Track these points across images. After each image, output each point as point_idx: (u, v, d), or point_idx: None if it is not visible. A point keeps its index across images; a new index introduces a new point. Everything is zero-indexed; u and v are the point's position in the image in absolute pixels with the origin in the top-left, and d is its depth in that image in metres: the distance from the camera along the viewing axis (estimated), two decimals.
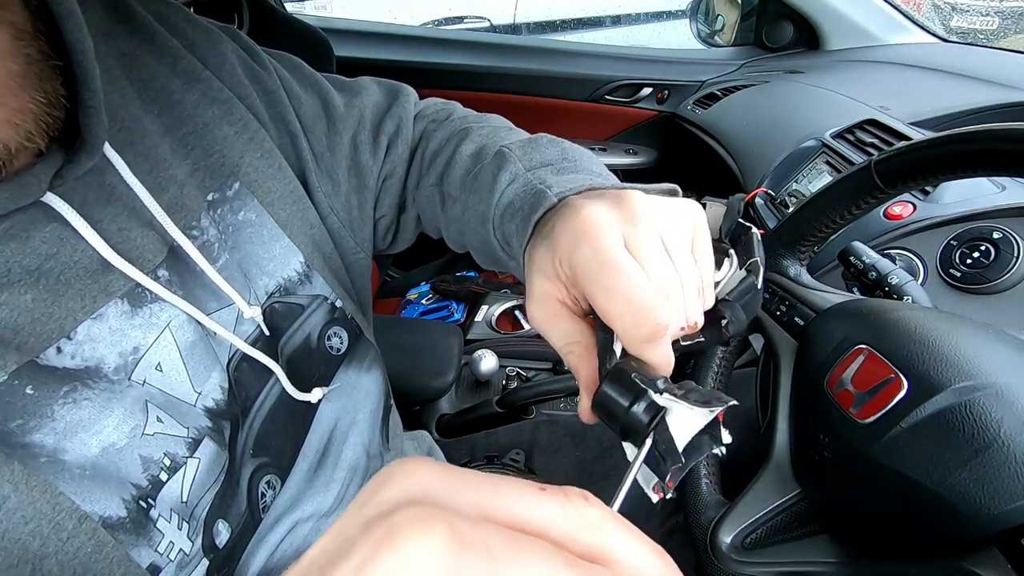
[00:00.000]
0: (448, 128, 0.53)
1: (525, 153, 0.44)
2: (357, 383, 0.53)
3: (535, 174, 0.41)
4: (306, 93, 0.51)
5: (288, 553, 0.47)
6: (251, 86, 0.47)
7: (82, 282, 0.34)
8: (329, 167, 0.51)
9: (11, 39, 0.28)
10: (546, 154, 0.44)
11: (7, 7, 0.28)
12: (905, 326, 0.46)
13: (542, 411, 1.09)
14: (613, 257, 0.29)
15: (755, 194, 1.03)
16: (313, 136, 0.51)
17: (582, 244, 0.29)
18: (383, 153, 0.54)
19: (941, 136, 0.44)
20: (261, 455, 0.45)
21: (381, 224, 0.57)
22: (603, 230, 0.29)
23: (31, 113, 0.29)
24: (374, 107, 0.55)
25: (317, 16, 1.85)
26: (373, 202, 0.54)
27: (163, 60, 0.43)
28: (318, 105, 0.51)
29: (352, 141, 0.52)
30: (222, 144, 0.44)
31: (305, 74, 0.53)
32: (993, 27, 2.22)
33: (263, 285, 0.46)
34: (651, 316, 0.28)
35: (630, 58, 1.67)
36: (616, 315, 0.28)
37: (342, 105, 0.52)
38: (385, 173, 0.54)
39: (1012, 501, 0.36)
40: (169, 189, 0.40)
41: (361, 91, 0.55)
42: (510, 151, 0.44)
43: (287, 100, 0.49)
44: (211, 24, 0.47)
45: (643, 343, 0.28)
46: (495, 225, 0.43)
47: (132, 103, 0.40)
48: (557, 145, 0.46)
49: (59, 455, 0.33)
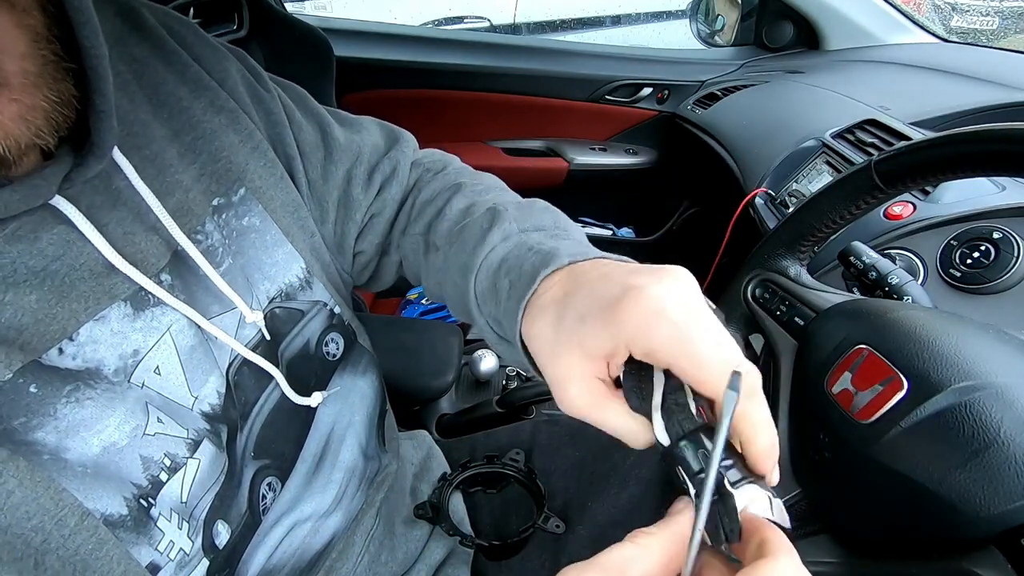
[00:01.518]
0: (442, 180, 0.53)
1: (519, 214, 0.44)
2: (353, 387, 0.54)
3: (529, 236, 0.41)
4: (307, 122, 0.52)
5: (287, 553, 0.47)
6: (252, 105, 0.48)
7: (86, 284, 0.35)
8: (320, 195, 0.52)
9: (29, 41, 0.29)
10: (540, 219, 0.44)
11: (28, 12, 0.29)
12: (905, 326, 0.46)
13: (542, 411, 1.09)
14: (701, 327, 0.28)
15: (755, 194, 1.03)
16: (309, 163, 0.51)
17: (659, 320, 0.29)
18: (375, 191, 0.54)
19: (941, 136, 0.44)
20: (263, 457, 0.45)
21: (359, 259, 0.57)
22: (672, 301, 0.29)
23: (42, 110, 0.30)
24: (373, 147, 0.55)
25: (317, 16, 1.85)
26: (355, 235, 0.55)
27: (172, 68, 0.44)
28: (318, 135, 0.52)
29: (347, 174, 0.53)
30: (229, 151, 0.45)
31: (308, 105, 0.53)
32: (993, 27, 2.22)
33: (265, 290, 0.46)
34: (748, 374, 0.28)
35: (630, 58, 1.67)
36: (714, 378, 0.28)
37: (342, 138, 0.53)
38: (373, 211, 0.55)
39: (1012, 501, 0.36)
40: (175, 193, 0.41)
41: (362, 129, 0.56)
42: (505, 210, 0.44)
43: (287, 124, 0.50)
44: (219, 43, 0.48)
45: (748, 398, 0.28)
46: (477, 279, 0.42)
47: (141, 107, 0.41)
48: (550, 213, 0.46)
49: (61, 453, 0.33)
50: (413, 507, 0.62)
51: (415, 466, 0.68)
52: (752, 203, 1.03)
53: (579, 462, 0.70)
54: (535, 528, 0.60)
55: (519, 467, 0.66)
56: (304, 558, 0.49)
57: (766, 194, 1.02)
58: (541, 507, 0.62)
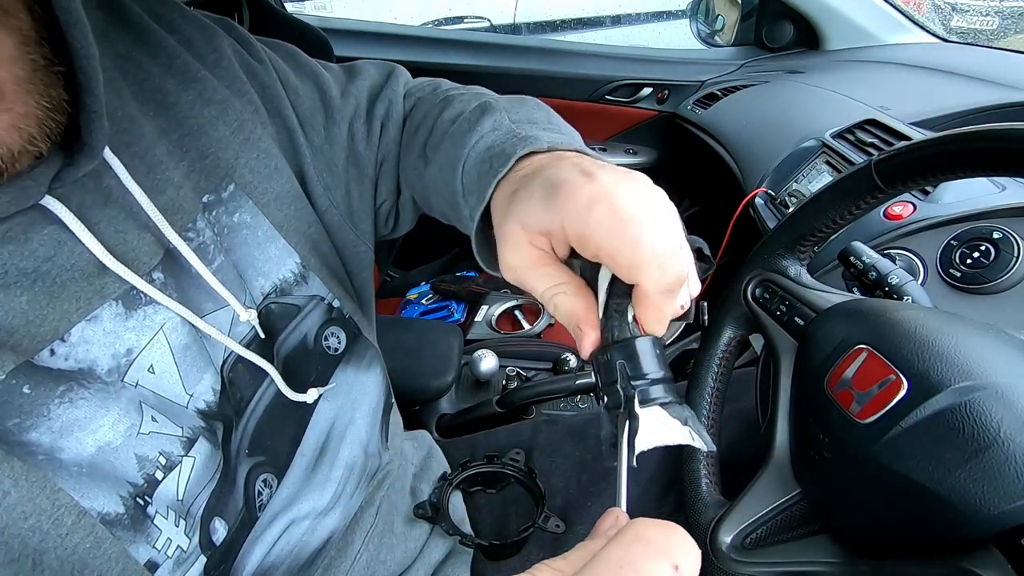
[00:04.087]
0: (430, 100, 0.53)
1: (511, 107, 0.44)
2: (356, 382, 0.53)
3: (520, 126, 0.41)
4: (303, 84, 0.51)
5: (285, 551, 0.47)
6: (248, 82, 0.47)
7: (78, 284, 0.35)
8: (328, 159, 0.51)
9: (17, 44, 0.28)
10: (533, 114, 0.44)
11: (13, 13, 0.28)
12: (905, 326, 0.46)
13: (542, 411, 1.09)
14: (636, 211, 0.28)
15: (755, 194, 1.03)
16: (310, 128, 0.50)
17: (598, 203, 0.29)
18: (377, 137, 0.54)
19: (941, 136, 0.44)
20: (257, 454, 0.45)
21: (382, 210, 0.57)
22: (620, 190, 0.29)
23: (35, 118, 0.30)
24: (369, 90, 0.55)
25: (317, 16, 1.85)
26: (373, 190, 0.54)
27: (158, 60, 0.43)
28: (316, 96, 0.51)
29: (350, 131, 0.53)
30: (217, 146, 0.44)
31: (301, 63, 0.53)
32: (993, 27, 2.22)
33: (259, 286, 0.46)
34: (677, 262, 0.28)
35: (630, 58, 1.67)
36: (641, 264, 0.28)
37: (339, 95, 0.52)
38: (381, 157, 0.54)
39: (1012, 501, 0.36)
40: (166, 191, 0.40)
41: (356, 75, 0.55)
42: (496, 103, 0.44)
43: (284, 94, 0.49)
44: (207, 18, 0.47)
45: (668, 291, 0.28)
46: (465, 168, 0.41)
47: (128, 104, 0.40)
48: (544, 109, 0.46)
49: (56, 453, 0.33)
50: (413, 506, 0.62)
51: (415, 465, 0.68)
52: (752, 203, 1.03)
53: (579, 462, 0.70)
54: (535, 528, 0.60)
55: (519, 467, 0.66)
56: (302, 555, 0.49)
57: (766, 194, 1.02)
58: (541, 507, 0.62)
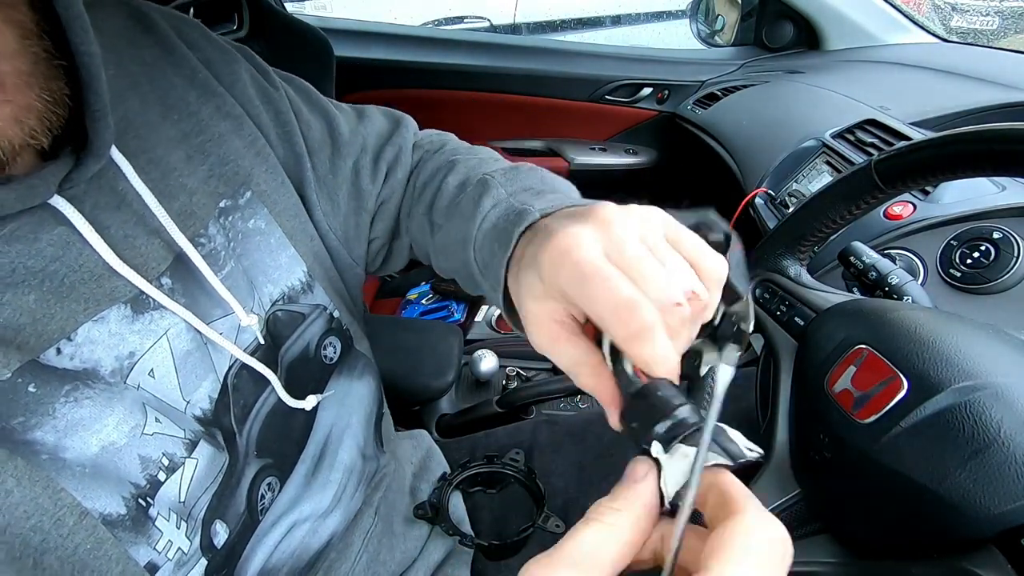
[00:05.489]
0: (438, 159, 0.55)
1: (507, 180, 0.45)
2: (350, 390, 0.54)
3: (517, 198, 0.42)
4: (314, 118, 0.53)
5: (286, 553, 0.48)
6: (262, 105, 0.48)
7: (86, 286, 0.35)
8: (330, 189, 0.53)
9: (18, 38, 0.29)
10: (527, 181, 0.45)
11: (14, 6, 0.29)
12: (905, 326, 0.46)
13: (542, 411, 1.09)
14: (591, 266, 0.28)
15: (755, 194, 1.03)
16: (317, 159, 0.52)
17: (564, 262, 0.29)
18: (382, 178, 0.55)
19: (941, 136, 0.44)
20: (264, 457, 0.45)
21: (373, 245, 0.58)
22: (580, 243, 0.29)
23: (36, 111, 0.30)
24: (377, 135, 0.56)
25: (317, 16, 1.85)
26: (369, 223, 0.56)
27: (181, 71, 0.44)
28: (324, 130, 0.53)
29: (354, 166, 0.54)
30: (235, 155, 0.45)
31: (313, 99, 0.54)
32: (993, 27, 2.22)
33: (268, 293, 0.46)
34: (635, 314, 0.27)
35: (630, 58, 1.67)
36: (605, 320, 0.28)
37: (347, 132, 0.54)
38: (383, 197, 0.56)
39: (1012, 501, 0.36)
40: (179, 197, 0.41)
41: (365, 119, 0.57)
42: (492, 178, 0.45)
43: (296, 122, 0.50)
44: (227, 43, 0.49)
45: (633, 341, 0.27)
46: (476, 248, 0.42)
47: (151, 110, 0.41)
48: (537, 173, 0.47)
49: (59, 452, 0.33)
50: (413, 507, 0.62)
51: (414, 466, 0.68)
52: (752, 203, 1.03)
53: (579, 462, 0.70)
54: (535, 528, 0.60)
55: (519, 467, 0.67)
56: (303, 558, 0.49)
57: (766, 194, 1.02)
58: (541, 507, 0.62)
